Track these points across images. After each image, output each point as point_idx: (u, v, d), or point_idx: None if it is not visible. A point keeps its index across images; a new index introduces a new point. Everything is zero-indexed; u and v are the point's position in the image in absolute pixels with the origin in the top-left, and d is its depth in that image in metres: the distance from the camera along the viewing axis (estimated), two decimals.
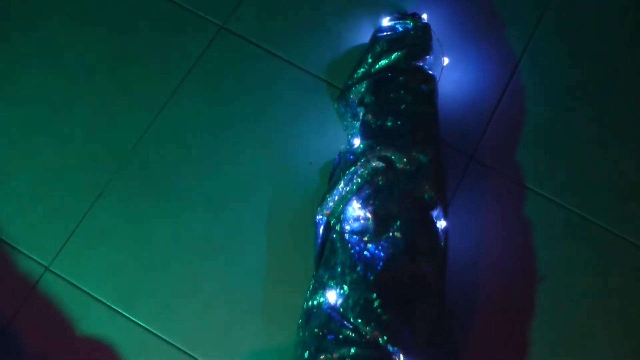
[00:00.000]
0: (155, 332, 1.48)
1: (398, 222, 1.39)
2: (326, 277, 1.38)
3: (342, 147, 1.56)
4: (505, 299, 1.53)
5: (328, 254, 1.40)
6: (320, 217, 1.47)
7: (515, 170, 1.64)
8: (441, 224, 1.45)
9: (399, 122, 1.49)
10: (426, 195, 1.43)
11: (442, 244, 1.43)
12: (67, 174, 1.61)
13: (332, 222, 1.45)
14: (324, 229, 1.46)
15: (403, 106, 1.51)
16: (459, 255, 1.53)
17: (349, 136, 1.59)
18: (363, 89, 1.56)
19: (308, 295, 1.40)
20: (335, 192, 1.46)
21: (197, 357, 1.47)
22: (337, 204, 1.45)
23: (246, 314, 1.50)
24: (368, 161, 1.45)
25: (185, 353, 1.47)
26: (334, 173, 1.55)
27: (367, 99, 1.54)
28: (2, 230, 1.56)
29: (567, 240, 1.58)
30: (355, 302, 1.31)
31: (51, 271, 1.53)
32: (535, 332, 1.50)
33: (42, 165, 1.62)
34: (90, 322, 1.49)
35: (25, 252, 1.54)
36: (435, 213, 1.43)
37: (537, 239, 1.58)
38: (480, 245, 1.57)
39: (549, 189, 1.62)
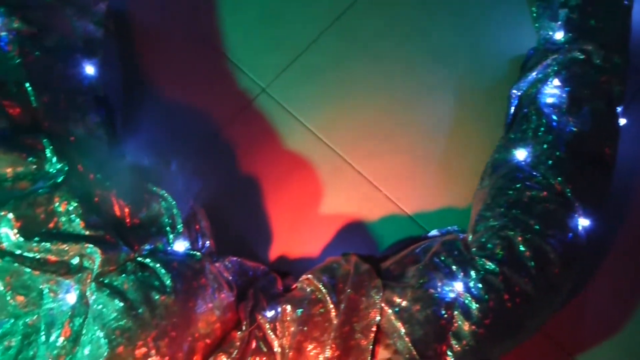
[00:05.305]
0: (349, 161, 1.70)
1: (589, 107, 1.56)
2: (517, 138, 1.56)
3: (544, 33, 1.72)
4: None
5: (520, 120, 1.59)
6: (515, 91, 1.65)
7: None
8: (622, 120, 1.61)
9: (601, 24, 1.65)
10: (615, 91, 1.60)
11: (619, 137, 1.60)
12: (289, 17, 1.83)
13: (526, 96, 1.63)
14: (517, 102, 1.64)
15: (606, 13, 1.67)
16: (623, 155, 1.69)
17: (542, 36, 1.75)
18: None
19: (495, 152, 1.59)
20: (533, 72, 1.63)
21: (381, 189, 1.68)
22: (533, 82, 1.63)
23: (426, 160, 1.70)
24: (569, 51, 1.62)
25: (372, 185, 1.68)
26: (526, 63, 1.72)
27: (573, 2, 1.70)
28: (230, 51, 1.79)
29: None
30: (547, 158, 1.49)
31: (267, 93, 1.75)
32: None
33: (268, 5, 1.84)
34: (295, 141, 1.71)
35: (247, 72, 1.77)
36: (619, 109, 1.60)
37: None
38: None
39: None
